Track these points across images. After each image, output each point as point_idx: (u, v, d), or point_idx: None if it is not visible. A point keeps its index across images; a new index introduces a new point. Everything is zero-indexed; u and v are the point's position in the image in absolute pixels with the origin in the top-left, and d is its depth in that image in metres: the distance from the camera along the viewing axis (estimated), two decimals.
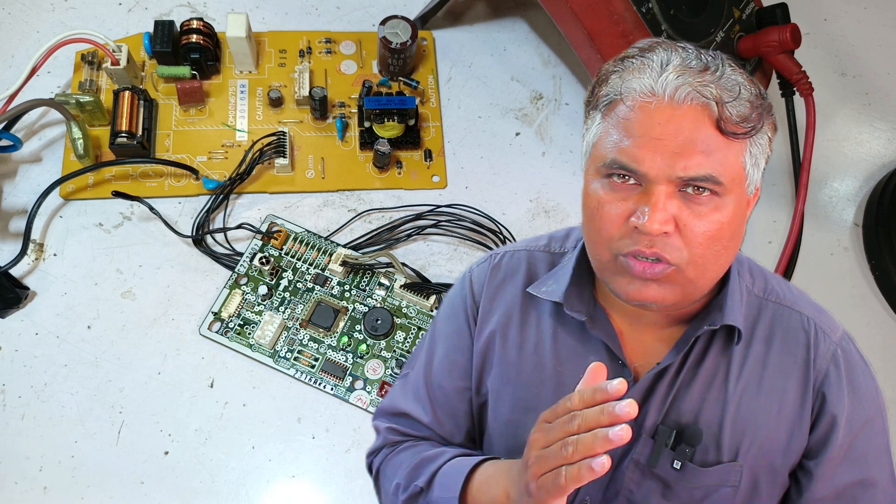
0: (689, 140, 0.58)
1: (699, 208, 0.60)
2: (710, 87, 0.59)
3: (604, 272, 0.66)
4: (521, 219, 1.25)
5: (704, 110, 0.59)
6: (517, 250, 0.79)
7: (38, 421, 1.04)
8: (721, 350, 0.68)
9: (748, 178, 0.63)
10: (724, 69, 0.60)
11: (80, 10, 1.32)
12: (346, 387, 1.10)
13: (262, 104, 1.27)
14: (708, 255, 0.61)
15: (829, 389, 0.68)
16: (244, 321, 1.12)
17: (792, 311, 0.71)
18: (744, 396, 0.68)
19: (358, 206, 1.23)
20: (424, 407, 0.77)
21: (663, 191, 0.59)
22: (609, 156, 0.61)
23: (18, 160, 1.19)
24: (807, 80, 1.24)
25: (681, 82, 0.59)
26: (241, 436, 1.06)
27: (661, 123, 0.59)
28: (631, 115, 0.61)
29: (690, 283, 0.63)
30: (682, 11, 1.16)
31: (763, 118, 0.62)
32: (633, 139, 0.60)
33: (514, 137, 1.32)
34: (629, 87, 0.61)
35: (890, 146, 1.42)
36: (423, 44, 1.35)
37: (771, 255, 1.28)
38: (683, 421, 0.68)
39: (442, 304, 0.84)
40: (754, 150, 0.62)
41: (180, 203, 1.20)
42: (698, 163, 0.58)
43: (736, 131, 0.59)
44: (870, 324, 1.26)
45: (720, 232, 0.61)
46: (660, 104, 0.60)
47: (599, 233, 0.63)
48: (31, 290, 1.11)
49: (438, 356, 0.79)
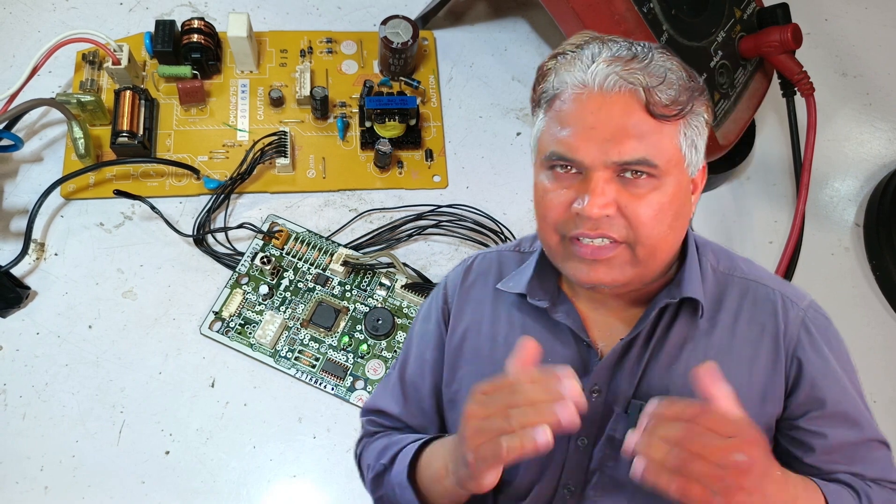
0: (620, 126, 0.62)
1: (638, 191, 0.63)
2: (638, 73, 0.62)
3: (556, 258, 0.69)
4: (522, 219, 1.25)
5: (633, 96, 0.62)
6: (489, 252, 0.84)
7: (39, 420, 1.04)
8: (687, 323, 0.70)
9: (686, 159, 0.65)
10: (651, 56, 0.64)
11: (81, 10, 1.32)
12: (347, 387, 1.10)
13: (263, 104, 1.27)
14: (654, 235, 0.64)
15: (804, 353, 0.69)
16: (245, 321, 1.12)
17: (758, 284, 0.73)
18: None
19: (359, 205, 1.23)
20: (398, 403, 0.82)
21: (601, 177, 0.62)
22: (549, 148, 0.65)
23: (19, 160, 1.19)
24: (808, 80, 1.24)
25: (609, 71, 0.62)
26: (242, 435, 1.06)
27: (592, 112, 0.62)
28: (565, 107, 0.64)
29: (640, 263, 0.65)
30: (684, 11, 1.17)
31: (693, 100, 0.64)
32: (568, 130, 0.63)
33: (515, 137, 1.32)
34: (562, 80, 0.65)
35: (891, 146, 1.42)
36: (425, 44, 1.35)
37: (772, 255, 1.28)
38: (654, 393, 0.68)
39: (421, 305, 0.89)
40: (689, 132, 0.65)
41: (181, 203, 1.20)
42: (632, 147, 0.61)
43: (665, 114, 0.62)
44: (870, 324, 1.26)
45: (661, 213, 0.63)
46: (590, 94, 0.63)
47: (545, 219, 0.67)
48: (32, 289, 1.11)
49: (413, 356, 0.83)
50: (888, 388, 1.19)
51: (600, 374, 0.70)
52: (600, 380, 0.70)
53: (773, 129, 1.41)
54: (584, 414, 0.69)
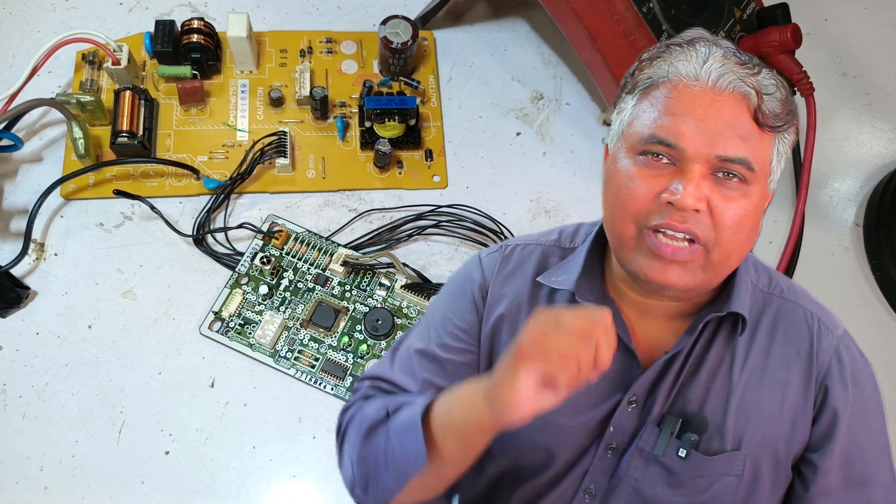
0: (728, 123, 0.61)
1: (729, 192, 0.62)
2: (751, 79, 0.62)
3: (624, 250, 0.66)
4: (521, 219, 1.25)
5: (744, 100, 0.62)
6: (528, 244, 0.79)
7: (39, 421, 1.04)
8: (726, 340, 0.69)
9: (772, 174, 0.66)
10: (761, 68, 0.64)
11: (80, 10, 1.32)
12: (347, 387, 1.10)
13: (262, 104, 1.27)
14: (734, 240, 0.63)
15: (832, 383, 0.68)
16: (245, 321, 1.12)
17: (796, 305, 0.72)
18: (748, 386, 0.68)
19: (359, 206, 1.23)
20: (414, 378, 0.73)
21: (699, 170, 0.61)
22: (647, 131, 0.63)
23: (19, 160, 1.19)
24: (808, 80, 1.24)
25: (724, 70, 0.62)
26: (242, 435, 1.06)
27: (703, 106, 0.62)
28: (674, 94, 0.63)
29: (713, 269, 0.64)
30: (683, 11, 1.17)
31: (792, 118, 0.65)
32: (674, 117, 0.62)
33: (515, 137, 1.32)
34: (675, 70, 0.64)
35: (890, 146, 1.42)
36: (424, 44, 1.35)
37: (772, 254, 1.28)
38: (689, 409, 0.68)
39: (444, 286, 0.82)
40: (781, 147, 0.65)
41: (181, 203, 1.20)
42: (736, 145, 0.61)
43: (769, 124, 0.62)
44: (870, 324, 1.26)
45: (745, 219, 0.63)
46: (703, 89, 0.62)
47: (625, 207, 0.64)
48: (32, 289, 1.11)
49: (436, 332, 0.76)
50: (888, 388, 1.19)
51: (641, 386, 0.69)
52: (640, 392, 0.69)
53: None
54: (618, 421, 0.68)
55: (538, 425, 0.62)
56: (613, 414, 0.69)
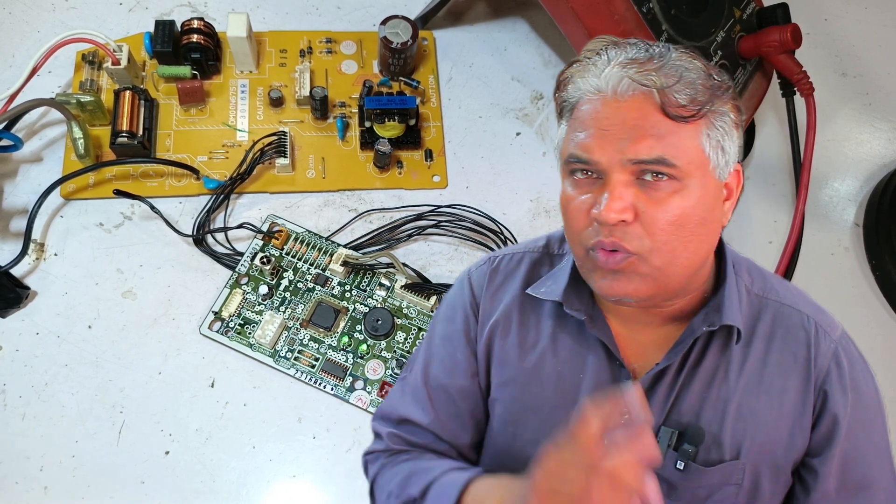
0: (636, 126, 0.60)
1: (657, 194, 0.61)
2: (652, 75, 0.61)
3: (583, 270, 0.67)
4: (521, 219, 1.25)
5: (647, 98, 0.60)
6: (515, 252, 0.80)
7: (39, 421, 1.04)
8: (720, 349, 0.68)
9: (711, 162, 0.62)
10: (669, 56, 0.62)
11: (80, 10, 1.32)
12: (347, 387, 1.10)
13: (262, 104, 1.27)
14: (673, 241, 0.61)
15: (831, 387, 0.68)
16: (245, 321, 1.12)
17: (792, 309, 0.70)
18: (745, 394, 0.67)
19: (359, 206, 1.23)
20: (425, 409, 0.76)
21: (619, 179, 0.60)
22: (567, 152, 0.64)
23: (19, 160, 1.19)
24: (807, 80, 1.24)
25: (623, 74, 0.61)
26: (242, 436, 1.06)
27: (607, 115, 0.61)
28: (582, 113, 0.64)
29: (660, 272, 0.62)
30: (683, 11, 1.16)
31: (714, 99, 0.62)
32: (584, 132, 0.63)
33: (515, 137, 1.32)
34: (578, 88, 0.65)
35: (890, 146, 1.42)
36: (424, 44, 1.35)
37: (771, 255, 1.28)
38: (685, 421, 0.68)
39: (440, 307, 0.84)
40: (713, 132, 0.62)
41: (181, 203, 1.20)
42: (649, 146, 0.60)
43: (682, 114, 0.60)
44: (870, 324, 1.26)
45: (683, 218, 0.61)
46: (604, 99, 0.62)
47: (571, 231, 0.65)
48: (32, 289, 1.11)
49: (438, 357, 0.78)
50: (888, 388, 1.19)
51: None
52: None
53: (773, 129, 1.40)
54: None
55: (536, 446, 0.61)
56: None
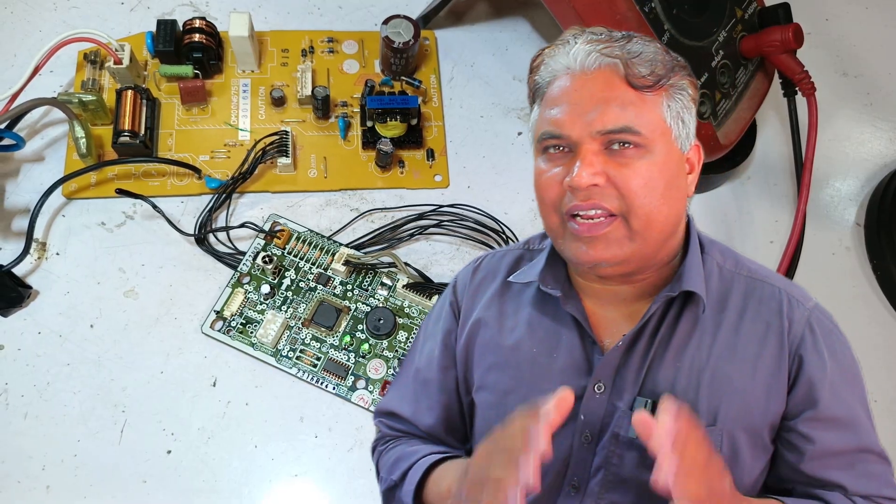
0: (602, 99, 0.66)
1: (625, 160, 0.66)
2: (616, 49, 0.67)
3: (557, 240, 0.71)
4: (523, 218, 1.25)
5: (613, 70, 0.66)
6: (497, 252, 0.86)
7: (41, 420, 1.04)
8: (692, 319, 0.71)
9: (673, 132, 0.68)
10: (630, 37, 0.68)
11: (82, 10, 1.32)
12: (349, 386, 1.10)
13: (264, 103, 1.27)
14: (647, 203, 0.65)
15: (806, 352, 0.70)
16: (246, 320, 1.12)
17: (764, 283, 0.73)
18: (718, 362, 0.70)
19: (360, 205, 1.23)
20: (409, 403, 0.84)
21: (589, 149, 0.66)
22: (541, 131, 0.70)
23: (21, 159, 1.20)
24: (809, 79, 1.24)
25: (589, 49, 0.67)
26: (244, 435, 1.06)
27: (576, 90, 0.67)
28: (553, 91, 0.69)
29: (639, 237, 0.66)
30: (685, 11, 1.17)
31: (672, 72, 0.68)
32: (555, 109, 0.68)
33: (517, 137, 1.32)
34: (548, 69, 0.70)
35: (891, 146, 1.42)
36: (426, 43, 1.35)
37: (773, 254, 1.28)
38: (660, 390, 0.69)
39: (432, 308, 0.91)
40: (672, 104, 0.68)
41: (183, 202, 1.20)
42: (615, 115, 0.65)
43: (644, 84, 0.66)
44: (871, 323, 1.26)
45: (652, 180, 0.65)
46: (573, 74, 0.68)
47: (544, 200, 0.70)
48: (34, 289, 1.11)
49: (424, 355, 0.86)
50: (889, 388, 1.19)
51: (604, 371, 0.70)
52: (604, 376, 0.70)
53: (774, 129, 1.41)
54: (588, 408, 0.70)
55: None
56: (581, 402, 0.71)
